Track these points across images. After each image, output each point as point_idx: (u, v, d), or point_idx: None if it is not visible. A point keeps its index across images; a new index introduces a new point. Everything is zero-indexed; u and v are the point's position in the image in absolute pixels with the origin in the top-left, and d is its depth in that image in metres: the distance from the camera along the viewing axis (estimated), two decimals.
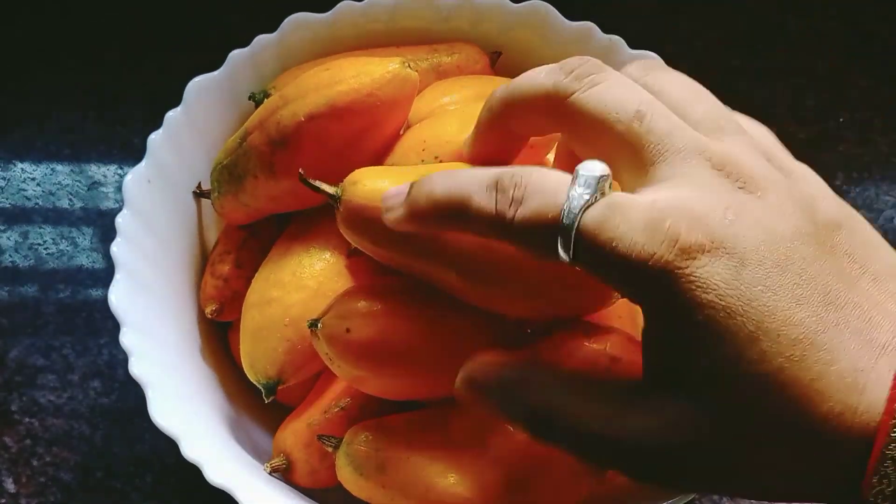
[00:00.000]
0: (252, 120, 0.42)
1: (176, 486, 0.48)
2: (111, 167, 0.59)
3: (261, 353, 0.40)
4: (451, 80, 0.47)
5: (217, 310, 0.45)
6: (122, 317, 0.40)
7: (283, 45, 0.48)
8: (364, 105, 0.40)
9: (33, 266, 0.55)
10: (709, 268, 0.26)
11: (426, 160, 0.40)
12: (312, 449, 0.41)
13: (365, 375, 0.37)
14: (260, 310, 0.41)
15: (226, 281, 0.45)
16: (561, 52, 0.50)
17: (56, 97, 0.61)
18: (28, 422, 0.50)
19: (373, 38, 0.50)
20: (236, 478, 0.37)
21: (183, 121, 0.46)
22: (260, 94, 0.47)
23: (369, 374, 0.37)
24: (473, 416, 0.37)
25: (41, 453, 0.49)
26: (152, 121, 0.46)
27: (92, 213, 0.57)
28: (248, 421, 0.46)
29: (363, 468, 0.38)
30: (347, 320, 0.36)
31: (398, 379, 0.37)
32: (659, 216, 0.26)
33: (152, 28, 0.64)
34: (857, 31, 0.66)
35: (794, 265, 0.26)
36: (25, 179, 0.58)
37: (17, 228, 0.56)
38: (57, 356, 0.52)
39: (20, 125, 0.60)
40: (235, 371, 0.46)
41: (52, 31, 0.64)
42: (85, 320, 0.53)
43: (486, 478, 0.36)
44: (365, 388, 0.38)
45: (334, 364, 0.37)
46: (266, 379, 0.40)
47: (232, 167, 0.43)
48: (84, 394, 0.51)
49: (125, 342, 0.39)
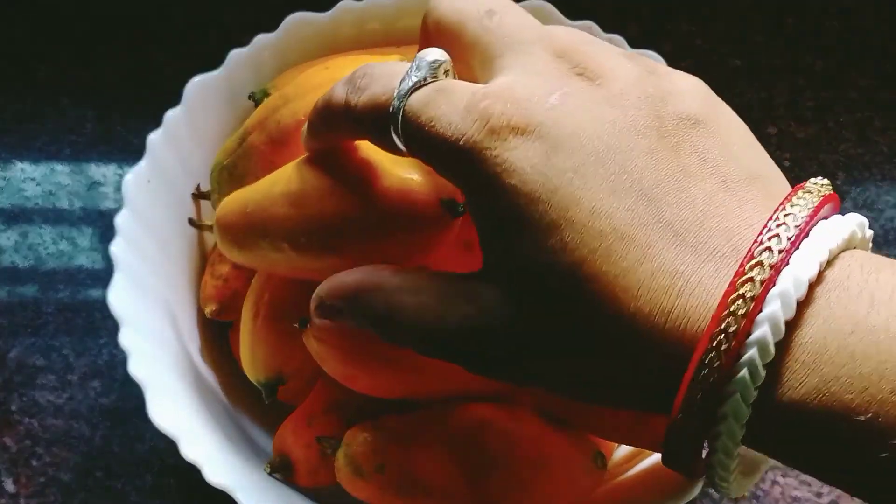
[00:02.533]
0: (252, 120, 0.42)
1: (176, 486, 0.48)
2: (111, 167, 0.59)
3: (261, 353, 0.40)
4: None
5: (217, 310, 0.45)
6: (121, 317, 0.40)
7: (282, 45, 0.48)
8: None
9: (33, 266, 0.55)
10: (517, 151, 0.25)
11: None
12: (312, 449, 0.41)
13: (355, 373, 0.37)
14: None
15: (226, 281, 0.45)
16: None
17: (56, 97, 0.61)
18: (28, 422, 0.49)
19: (373, 38, 0.50)
20: (236, 478, 0.37)
21: (183, 120, 0.46)
22: (260, 93, 0.47)
23: (358, 371, 0.37)
24: (473, 417, 0.37)
25: (41, 453, 0.49)
26: (152, 121, 0.46)
27: (92, 213, 0.57)
28: (248, 421, 0.46)
29: (362, 469, 0.38)
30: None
31: (388, 376, 0.37)
32: (478, 98, 0.26)
33: (152, 27, 0.64)
34: (857, 31, 0.66)
35: (616, 155, 0.25)
36: (25, 179, 0.58)
37: (16, 228, 0.56)
38: (56, 356, 0.52)
39: (20, 125, 0.60)
40: (235, 371, 0.46)
41: (52, 31, 0.64)
42: (85, 320, 0.53)
43: (485, 477, 0.36)
44: (357, 387, 0.38)
45: (325, 362, 0.37)
46: (266, 378, 0.40)
47: (232, 168, 0.43)
48: (84, 394, 0.50)
49: (124, 342, 0.39)
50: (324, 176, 0.35)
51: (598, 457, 0.37)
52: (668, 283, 0.23)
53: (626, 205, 0.24)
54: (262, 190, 0.37)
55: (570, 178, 0.24)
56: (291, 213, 0.35)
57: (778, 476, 0.49)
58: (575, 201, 0.24)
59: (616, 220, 0.24)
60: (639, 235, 0.24)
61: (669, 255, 0.24)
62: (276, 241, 0.36)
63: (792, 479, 0.49)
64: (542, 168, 0.25)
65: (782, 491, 0.49)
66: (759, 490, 0.49)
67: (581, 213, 0.24)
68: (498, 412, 0.38)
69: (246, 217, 0.37)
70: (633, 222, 0.24)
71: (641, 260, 0.24)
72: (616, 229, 0.24)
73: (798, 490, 0.49)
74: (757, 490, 0.49)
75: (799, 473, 0.49)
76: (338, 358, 0.36)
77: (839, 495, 0.49)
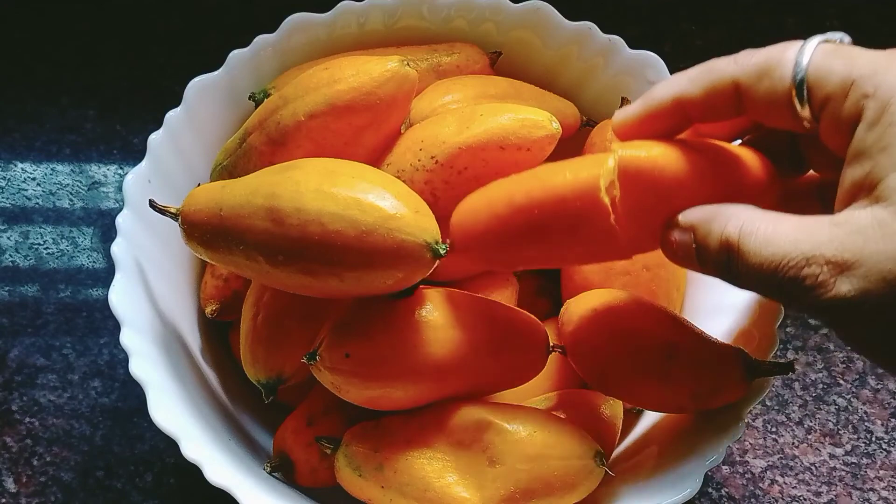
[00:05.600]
0: (252, 120, 0.42)
1: (176, 485, 0.48)
2: (111, 167, 0.59)
3: (261, 353, 0.40)
4: (452, 80, 0.47)
5: (217, 310, 0.45)
6: (122, 317, 0.40)
7: (283, 45, 0.48)
8: (364, 104, 0.40)
9: (34, 266, 0.55)
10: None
11: (422, 160, 0.40)
12: (312, 449, 0.41)
13: (377, 394, 0.37)
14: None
15: (226, 281, 0.45)
16: (561, 52, 0.50)
17: (56, 97, 0.61)
18: (28, 421, 0.50)
19: (373, 39, 0.50)
20: (236, 478, 0.37)
21: (183, 121, 0.46)
22: (260, 93, 0.47)
23: (381, 392, 0.37)
24: (473, 417, 0.37)
25: (41, 453, 0.49)
26: (152, 121, 0.46)
27: (92, 213, 0.57)
28: (248, 421, 0.46)
29: (362, 468, 0.38)
30: (344, 346, 0.36)
31: (410, 389, 0.37)
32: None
33: (152, 28, 0.64)
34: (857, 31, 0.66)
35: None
36: (26, 179, 0.58)
37: (17, 228, 0.57)
38: (57, 356, 0.52)
39: (20, 125, 0.60)
40: (235, 371, 0.46)
41: (52, 32, 0.64)
42: (85, 320, 0.53)
43: (484, 477, 0.37)
44: (380, 406, 0.38)
45: (342, 391, 0.37)
46: (266, 378, 0.40)
47: (232, 168, 0.43)
48: (84, 393, 0.51)
49: (125, 342, 0.39)
50: (311, 201, 0.34)
51: (599, 456, 0.37)
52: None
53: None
54: (240, 195, 0.36)
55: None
56: (272, 229, 0.34)
57: (777, 476, 0.50)
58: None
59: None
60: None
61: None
62: (250, 252, 0.35)
63: (791, 479, 0.49)
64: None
65: (781, 490, 0.49)
66: (759, 489, 0.49)
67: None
68: (498, 412, 0.38)
69: (220, 220, 0.36)
70: None
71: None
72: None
73: (797, 489, 0.49)
74: (756, 489, 0.49)
75: (798, 473, 0.50)
76: (358, 385, 0.36)
77: (837, 494, 0.49)
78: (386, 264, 0.34)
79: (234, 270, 0.38)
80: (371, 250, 0.33)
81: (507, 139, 0.39)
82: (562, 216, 0.32)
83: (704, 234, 0.30)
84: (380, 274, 0.34)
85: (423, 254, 0.34)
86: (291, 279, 0.35)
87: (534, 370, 0.40)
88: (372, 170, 0.36)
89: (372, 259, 0.34)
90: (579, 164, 0.33)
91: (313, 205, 0.34)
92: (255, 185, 0.36)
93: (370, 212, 0.34)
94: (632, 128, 0.34)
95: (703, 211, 0.31)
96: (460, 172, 0.40)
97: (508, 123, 0.40)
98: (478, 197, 0.35)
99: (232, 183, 0.38)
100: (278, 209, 0.34)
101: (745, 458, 0.50)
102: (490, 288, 0.45)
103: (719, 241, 0.30)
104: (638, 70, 0.48)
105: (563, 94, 0.50)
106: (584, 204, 0.31)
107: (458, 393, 0.38)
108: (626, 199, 0.31)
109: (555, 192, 0.32)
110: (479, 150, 0.40)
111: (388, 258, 0.34)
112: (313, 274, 0.35)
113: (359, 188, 0.34)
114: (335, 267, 0.34)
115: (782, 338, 0.52)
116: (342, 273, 0.34)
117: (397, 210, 0.34)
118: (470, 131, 0.40)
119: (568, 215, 0.32)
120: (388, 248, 0.33)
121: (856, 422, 0.52)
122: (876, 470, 0.50)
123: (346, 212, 0.34)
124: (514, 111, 0.40)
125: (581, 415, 0.41)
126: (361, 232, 0.33)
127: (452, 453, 0.37)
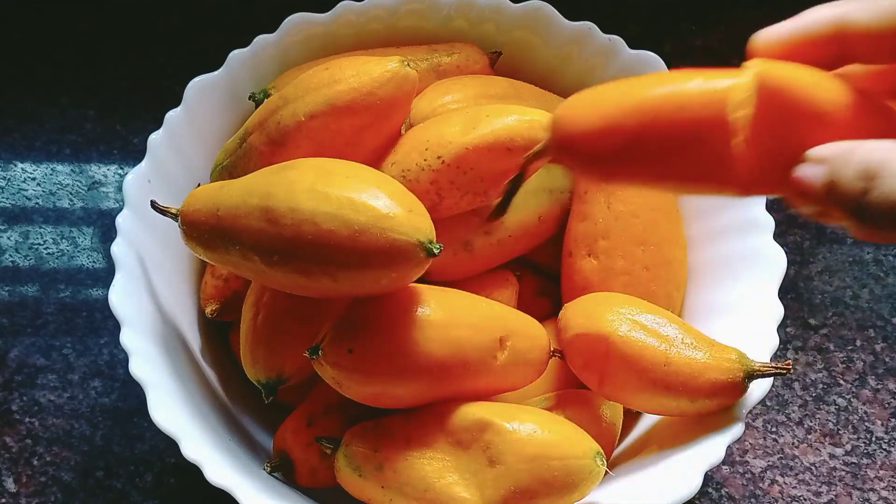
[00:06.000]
0: (252, 120, 0.42)
1: (176, 485, 0.48)
2: (111, 167, 0.59)
3: (261, 353, 0.40)
4: (452, 80, 0.47)
5: (217, 310, 0.45)
6: (122, 317, 0.40)
7: (283, 45, 0.48)
8: (364, 104, 0.40)
9: (34, 266, 0.55)
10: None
11: (429, 160, 0.40)
12: (312, 449, 0.41)
13: (378, 391, 0.37)
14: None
15: (226, 281, 0.45)
16: (561, 52, 0.50)
17: (56, 97, 0.61)
18: (28, 421, 0.50)
19: (373, 39, 0.50)
20: (236, 478, 0.37)
21: (183, 121, 0.46)
22: (260, 93, 0.47)
23: (382, 388, 0.37)
24: (473, 417, 0.37)
25: (41, 453, 0.49)
26: (152, 121, 0.46)
27: (92, 213, 0.57)
28: (248, 421, 0.46)
29: (362, 468, 0.38)
30: (346, 341, 0.36)
31: (411, 386, 0.37)
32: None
33: (152, 28, 0.64)
34: None
35: None
36: (26, 179, 0.58)
37: (17, 228, 0.57)
38: (57, 356, 0.52)
39: (20, 125, 0.60)
40: (235, 371, 0.46)
41: (52, 32, 0.64)
42: (85, 320, 0.53)
43: (484, 477, 0.37)
44: (381, 403, 0.38)
45: (343, 387, 0.37)
46: (266, 378, 0.40)
47: (232, 168, 0.43)
48: (84, 393, 0.51)
49: (125, 342, 0.39)
50: (305, 201, 0.34)
51: (599, 455, 0.37)
52: None
53: None
54: (236, 195, 0.36)
55: None
56: (267, 229, 0.35)
57: (777, 476, 0.50)
58: None
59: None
60: None
61: None
62: (246, 252, 0.36)
63: (791, 479, 0.49)
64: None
65: (781, 490, 0.49)
66: (759, 489, 0.49)
67: None
68: (498, 412, 0.38)
69: (217, 220, 0.36)
70: None
71: None
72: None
73: (797, 489, 0.49)
74: (756, 489, 0.49)
75: (798, 473, 0.50)
76: (360, 381, 0.36)
77: (837, 494, 0.49)
78: (379, 263, 0.34)
79: (232, 270, 0.39)
80: (364, 250, 0.34)
81: (513, 140, 0.40)
82: (678, 126, 0.28)
83: (841, 165, 0.27)
84: (373, 273, 0.34)
85: (416, 253, 0.34)
86: (287, 279, 0.35)
87: (534, 374, 0.40)
88: (368, 169, 0.37)
89: (365, 258, 0.34)
90: (713, 72, 0.29)
91: (307, 204, 0.34)
92: (251, 186, 0.36)
93: (363, 211, 0.34)
94: (775, 48, 0.30)
95: (839, 145, 0.27)
96: (466, 173, 0.40)
97: (515, 124, 0.40)
98: (590, 93, 0.30)
99: (230, 183, 0.38)
100: (273, 209, 0.35)
101: (745, 458, 0.50)
102: (490, 288, 0.45)
103: (857, 170, 0.26)
104: (638, 70, 0.48)
105: (563, 94, 0.50)
106: (707, 116, 0.27)
107: (459, 393, 0.38)
108: (759, 121, 0.27)
109: (676, 98, 0.28)
110: (486, 150, 0.40)
111: (381, 257, 0.34)
112: (308, 274, 0.35)
113: (352, 188, 0.34)
114: (329, 266, 0.34)
115: (782, 338, 0.52)
116: (336, 272, 0.34)
117: (390, 209, 0.34)
118: (477, 132, 0.40)
119: (685, 127, 0.28)
120: (381, 247, 0.34)
121: (856, 422, 0.52)
122: (876, 470, 0.50)
123: (339, 211, 0.34)
124: (520, 112, 0.40)
125: (581, 415, 0.41)
126: (354, 231, 0.33)
127: (452, 453, 0.37)
